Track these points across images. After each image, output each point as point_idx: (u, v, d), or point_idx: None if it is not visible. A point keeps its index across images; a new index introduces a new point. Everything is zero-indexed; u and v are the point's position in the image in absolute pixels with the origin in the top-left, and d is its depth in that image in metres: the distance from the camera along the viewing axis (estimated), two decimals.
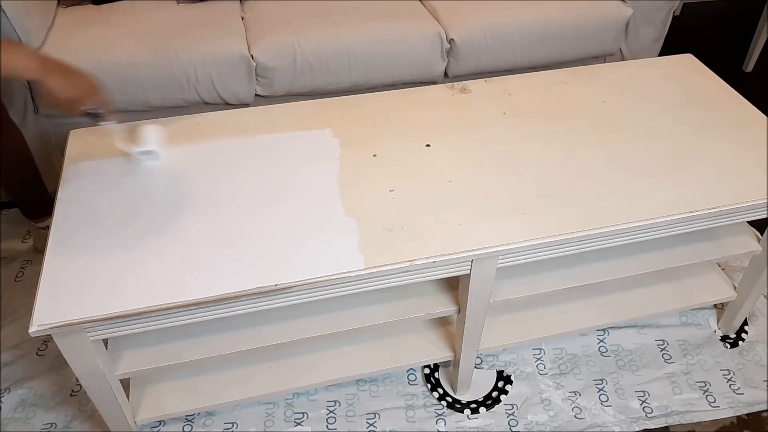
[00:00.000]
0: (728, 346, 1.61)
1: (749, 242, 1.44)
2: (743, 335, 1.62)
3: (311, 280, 1.05)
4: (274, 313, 1.25)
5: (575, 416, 1.46)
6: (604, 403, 1.48)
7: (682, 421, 1.45)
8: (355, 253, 1.09)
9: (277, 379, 1.35)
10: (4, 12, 1.56)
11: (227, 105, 1.84)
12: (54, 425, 1.42)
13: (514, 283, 1.32)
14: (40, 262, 1.10)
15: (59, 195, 1.20)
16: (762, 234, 1.46)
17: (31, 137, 1.77)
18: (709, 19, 3.00)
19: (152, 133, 1.28)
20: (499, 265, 1.16)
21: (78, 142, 1.32)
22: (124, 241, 1.11)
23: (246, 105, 1.85)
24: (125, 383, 1.27)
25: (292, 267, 1.07)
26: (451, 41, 1.89)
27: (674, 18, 2.81)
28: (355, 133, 1.36)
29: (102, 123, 1.22)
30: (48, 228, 1.14)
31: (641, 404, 1.48)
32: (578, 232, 1.14)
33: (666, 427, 1.44)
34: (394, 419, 1.44)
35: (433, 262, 1.09)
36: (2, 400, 1.46)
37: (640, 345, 1.60)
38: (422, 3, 2.01)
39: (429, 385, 1.50)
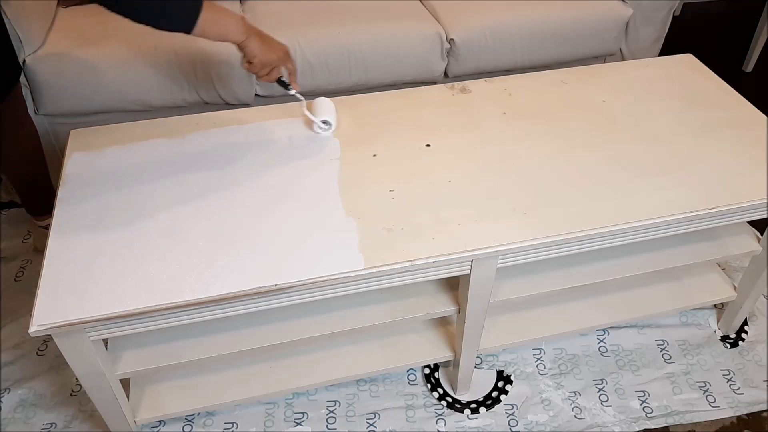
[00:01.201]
0: (728, 346, 1.61)
1: (749, 242, 1.44)
2: (743, 335, 1.62)
3: (311, 280, 1.05)
4: (274, 313, 1.25)
5: (575, 416, 1.46)
6: (604, 403, 1.48)
7: (682, 421, 1.45)
8: (355, 253, 1.09)
9: (277, 379, 1.35)
10: (4, 12, 1.56)
11: (227, 105, 1.84)
12: (54, 425, 1.42)
13: (514, 283, 1.32)
14: (40, 262, 1.10)
15: (59, 195, 1.20)
16: (762, 234, 1.46)
17: None
18: (709, 19, 3.00)
19: (329, 105, 1.37)
20: (499, 265, 1.16)
21: (78, 142, 1.32)
22: (124, 241, 1.11)
23: (246, 105, 1.85)
24: (125, 383, 1.27)
25: (292, 267, 1.07)
26: (451, 41, 1.89)
27: (674, 18, 2.81)
28: (355, 133, 1.36)
29: (289, 91, 1.35)
30: (49, 227, 1.14)
31: (641, 404, 1.48)
32: (578, 232, 1.14)
33: (666, 427, 1.44)
34: (394, 419, 1.44)
35: (433, 262, 1.09)
36: (2, 400, 1.46)
37: (640, 345, 1.60)
38: (422, 3, 2.01)
39: (429, 385, 1.50)
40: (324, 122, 1.34)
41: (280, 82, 1.32)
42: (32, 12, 1.70)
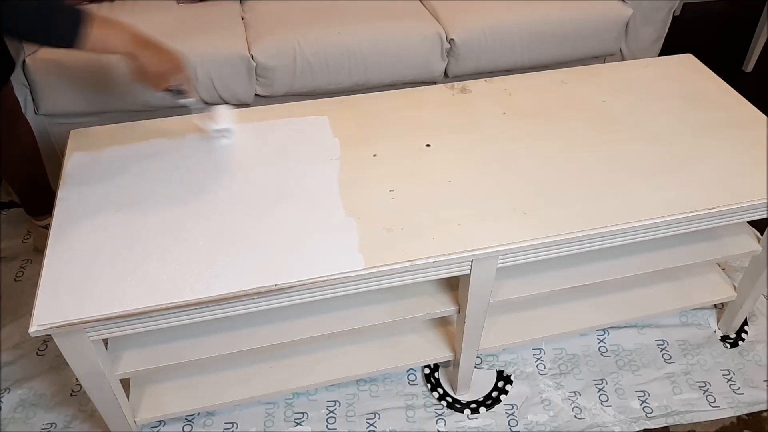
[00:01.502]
0: (728, 346, 1.61)
1: (749, 242, 1.44)
2: (743, 335, 1.62)
3: (311, 280, 1.05)
4: (274, 313, 1.25)
5: (575, 416, 1.46)
6: (604, 403, 1.48)
7: (682, 421, 1.45)
8: (355, 253, 1.09)
9: (277, 379, 1.35)
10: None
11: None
12: (54, 425, 1.42)
13: (514, 283, 1.32)
14: (40, 262, 1.10)
15: (59, 195, 1.20)
16: (762, 234, 1.46)
17: None
18: (709, 19, 3.00)
19: (226, 113, 1.34)
20: (499, 265, 1.16)
21: (78, 142, 1.32)
22: (124, 241, 1.11)
23: (246, 105, 1.85)
24: (125, 383, 1.27)
25: (292, 267, 1.07)
26: (451, 41, 1.89)
27: (674, 18, 2.81)
28: (355, 133, 1.36)
29: (183, 100, 1.28)
30: (48, 227, 1.14)
31: (641, 404, 1.48)
32: (578, 232, 1.14)
33: (666, 427, 1.44)
34: (394, 419, 1.44)
35: (433, 262, 1.09)
36: (2, 400, 1.46)
37: (640, 345, 1.60)
38: (422, 3, 2.01)
39: (429, 385, 1.50)
40: (221, 130, 1.31)
41: (173, 91, 1.25)
42: None
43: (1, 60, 1.44)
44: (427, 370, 1.53)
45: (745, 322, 1.65)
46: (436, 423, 1.44)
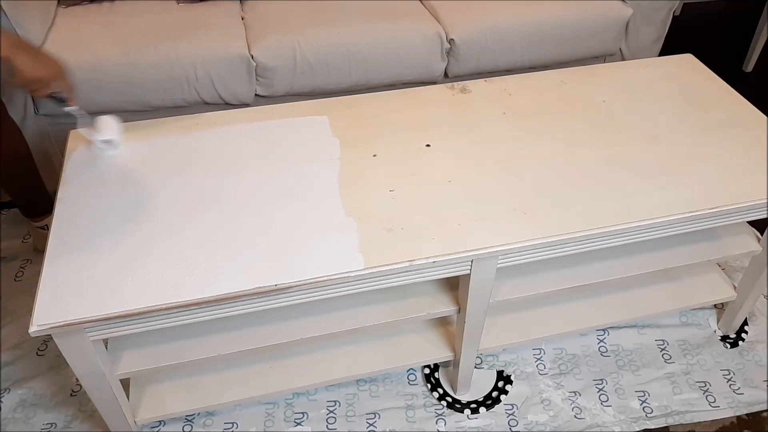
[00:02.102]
0: (728, 346, 1.61)
1: (749, 242, 1.44)
2: (743, 335, 1.62)
3: (311, 280, 1.05)
4: (274, 313, 1.25)
5: (575, 416, 1.46)
6: (604, 403, 1.48)
7: (682, 421, 1.45)
8: (355, 253, 1.09)
9: (277, 379, 1.35)
10: (4, 12, 1.56)
11: (227, 105, 1.84)
12: (54, 425, 1.42)
13: (514, 283, 1.32)
14: (40, 262, 1.10)
15: (59, 195, 1.20)
16: (762, 234, 1.46)
17: (31, 137, 1.77)
18: (709, 19, 3.00)
19: (111, 123, 1.31)
20: (499, 265, 1.16)
21: (78, 142, 1.32)
22: (124, 241, 1.11)
23: (246, 105, 1.85)
24: (125, 383, 1.27)
25: (292, 267, 1.07)
26: (451, 41, 1.89)
27: (674, 18, 2.81)
28: (355, 133, 1.36)
29: (66, 108, 1.25)
30: (47, 227, 1.14)
31: (641, 404, 1.48)
32: (578, 232, 1.14)
33: (666, 427, 1.44)
34: (394, 419, 1.44)
35: (433, 262, 1.09)
36: (2, 400, 1.46)
37: (640, 345, 1.60)
38: (422, 3, 2.01)
39: (429, 385, 1.50)
40: (106, 141, 1.29)
41: (54, 98, 1.23)
42: (32, 11, 1.70)
43: None
44: (427, 370, 1.53)
45: (745, 322, 1.65)
46: (436, 423, 1.44)
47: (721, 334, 1.63)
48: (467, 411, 1.46)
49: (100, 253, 1.09)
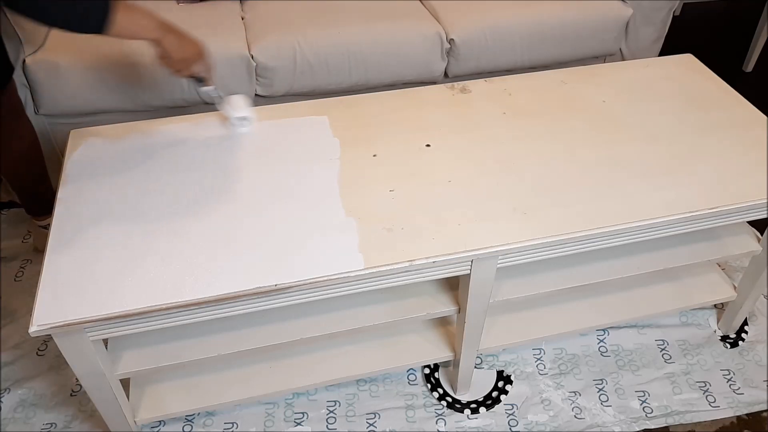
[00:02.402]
0: (728, 346, 1.61)
1: (749, 242, 1.44)
2: (743, 335, 1.62)
3: (311, 280, 1.05)
4: (274, 313, 1.25)
5: (575, 416, 1.46)
6: (604, 403, 1.48)
7: (682, 421, 1.45)
8: (355, 253, 1.09)
9: (277, 379, 1.35)
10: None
11: None
12: (54, 425, 1.42)
13: (514, 283, 1.32)
14: (40, 262, 1.10)
15: (59, 195, 1.20)
16: (762, 234, 1.46)
17: None
18: (709, 19, 3.00)
19: (243, 101, 1.38)
20: (499, 265, 1.16)
21: (78, 142, 1.32)
22: (124, 241, 1.11)
23: None
24: (125, 383, 1.27)
25: (292, 267, 1.07)
26: (451, 41, 1.89)
27: (674, 18, 2.81)
28: (355, 133, 1.36)
29: (203, 88, 1.35)
30: (48, 227, 1.14)
31: (641, 404, 1.48)
32: (578, 232, 1.14)
33: (666, 427, 1.44)
34: (394, 419, 1.44)
35: (433, 262, 1.09)
36: (2, 400, 1.46)
37: (640, 345, 1.60)
38: (422, 3, 2.01)
39: (429, 385, 1.50)
40: (241, 118, 1.36)
41: (195, 78, 1.32)
42: None
43: (2, 63, 1.44)
44: (427, 370, 1.53)
45: (745, 322, 1.65)
46: (436, 423, 1.44)
47: (721, 334, 1.63)
48: (467, 411, 1.46)
49: (100, 253, 1.09)
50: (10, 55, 1.50)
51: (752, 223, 1.49)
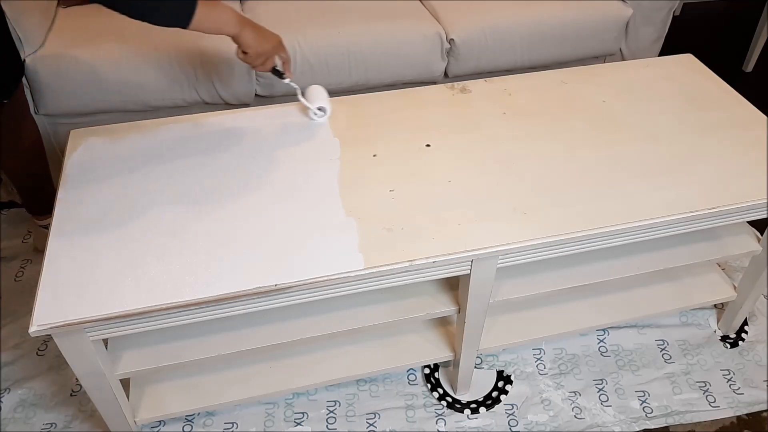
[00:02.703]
0: (728, 346, 1.61)
1: (749, 242, 1.44)
2: (743, 335, 1.62)
3: (311, 280, 1.05)
4: (274, 313, 1.25)
5: (575, 416, 1.46)
6: (604, 403, 1.48)
7: (682, 421, 1.45)
8: (355, 253, 1.09)
9: (277, 379, 1.35)
10: (3, 12, 1.56)
11: (227, 105, 1.84)
12: (54, 425, 1.42)
13: (514, 283, 1.32)
14: (40, 262, 1.10)
15: (59, 195, 1.20)
16: (762, 234, 1.46)
17: None
18: (709, 19, 3.00)
19: (322, 92, 1.40)
20: (499, 265, 1.16)
21: (78, 142, 1.32)
22: (124, 241, 1.11)
23: (246, 105, 1.85)
24: (125, 383, 1.27)
25: (292, 267, 1.07)
26: (451, 41, 1.89)
27: (674, 18, 2.81)
28: (355, 133, 1.36)
29: (284, 80, 1.38)
30: (49, 227, 1.14)
31: (641, 404, 1.48)
32: (578, 232, 1.14)
33: (666, 427, 1.44)
34: (394, 419, 1.44)
35: (433, 262, 1.09)
36: (2, 400, 1.46)
37: (640, 345, 1.60)
38: (422, 3, 2.01)
39: (429, 385, 1.50)
40: (319, 109, 1.38)
41: (274, 71, 1.36)
42: (32, 12, 1.70)
43: (14, 61, 1.45)
44: (427, 370, 1.53)
45: (745, 322, 1.65)
46: (436, 423, 1.44)
47: (721, 334, 1.63)
48: (467, 411, 1.46)
49: (100, 253, 1.09)
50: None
51: (752, 223, 1.49)
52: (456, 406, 1.47)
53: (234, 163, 1.28)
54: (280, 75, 1.38)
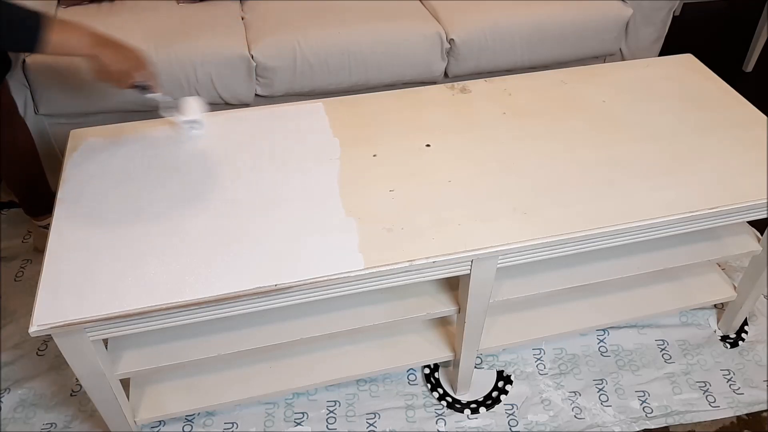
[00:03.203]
0: (728, 346, 1.61)
1: (749, 242, 1.44)
2: (743, 335, 1.62)
3: (311, 280, 1.05)
4: (274, 313, 1.25)
5: (575, 416, 1.46)
6: (604, 403, 1.48)
7: (682, 421, 1.45)
8: (355, 253, 1.09)
9: (277, 379, 1.35)
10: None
11: (227, 105, 1.84)
12: (54, 425, 1.42)
13: (514, 283, 1.32)
14: (40, 262, 1.10)
15: (59, 195, 1.20)
16: (762, 234, 1.46)
17: None
18: (709, 19, 3.00)
19: (195, 104, 1.34)
20: (499, 265, 1.16)
21: (78, 142, 1.32)
22: (124, 241, 1.11)
23: (246, 105, 1.85)
24: (125, 383, 1.27)
25: (292, 267, 1.07)
26: (451, 41, 1.89)
27: (674, 18, 2.81)
28: (355, 133, 1.36)
29: (149, 95, 1.27)
30: (48, 227, 1.14)
31: (641, 404, 1.48)
32: (578, 232, 1.14)
33: (666, 427, 1.44)
34: (394, 419, 1.44)
35: (433, 262, 1.09)
36: (2, 400, 1.46)
37: (640, 345, 1.60)
38: (422, 3, 2.01)
39: (429, 385, 1.50)
40: (190, 121, 1.33)
41: (138, 87, 1.25)
42: None
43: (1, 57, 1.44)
44: (427, 370, 1.53)
45: (745, 322, 1.65)
46: (436, 423, 1.44)
47: (721, 334, 1.63)
48: (467, 411, 1.46)
49: (100, 253, 1.09)
50: (10, 53, 1.50)
51: (752, 223, 1.49)
52: (456, 406, 1.47)
53: (234, 162, 1.28)
54: (143, 90, 1.25)
